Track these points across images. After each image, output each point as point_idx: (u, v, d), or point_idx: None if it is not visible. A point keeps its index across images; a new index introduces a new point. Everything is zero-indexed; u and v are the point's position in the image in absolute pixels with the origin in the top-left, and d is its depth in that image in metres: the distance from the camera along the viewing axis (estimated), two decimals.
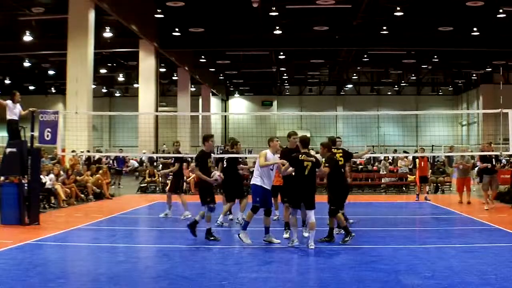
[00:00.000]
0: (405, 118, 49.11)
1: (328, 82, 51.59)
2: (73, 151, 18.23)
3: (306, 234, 9.70)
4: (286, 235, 9.83)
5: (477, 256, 8.62)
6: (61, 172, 16.62)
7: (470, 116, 47.72)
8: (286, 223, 9.94)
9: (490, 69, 42.12)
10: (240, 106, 54.02)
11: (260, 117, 46.33)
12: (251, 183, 9.61)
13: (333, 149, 10.13)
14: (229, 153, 12.58)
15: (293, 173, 9.40)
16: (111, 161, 26.90)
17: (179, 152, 13.99)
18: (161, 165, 25.42)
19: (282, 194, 10.58)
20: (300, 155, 9.38)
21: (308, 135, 41.64)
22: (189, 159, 26.11)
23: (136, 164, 32.67)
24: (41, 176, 14.27)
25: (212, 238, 9.83)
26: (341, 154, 10.31)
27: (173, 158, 14.07)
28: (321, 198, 10.32)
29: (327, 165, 9.73)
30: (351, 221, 11.17)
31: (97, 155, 24.51)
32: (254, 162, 11.06)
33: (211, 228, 9.95)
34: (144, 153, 26.47)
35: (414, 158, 21.03)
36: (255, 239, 9.52)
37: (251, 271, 7.67)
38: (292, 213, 9.42)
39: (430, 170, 19.95)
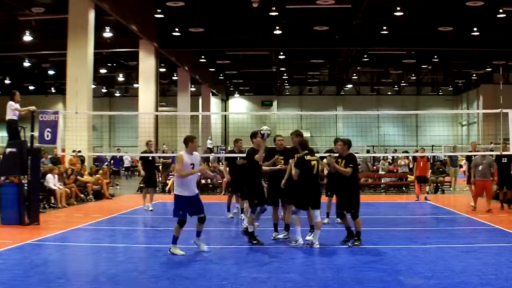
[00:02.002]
0: (405, 118, 49.09)
1: (328, 82, 51.59)
2: (74, 151, 18.24)
3: (309, 238, 9.50)
4: (307, 238, 9.44)
5: (477, 256, 8.62)
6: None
7: (470, 116, 47.73)
8: (287, 225, 9.83)
9: (490, 69, 42.12)
10: (240, 106, 54.04)
11: (260, 117, 46.31)
12: (174, 193, 8.87)
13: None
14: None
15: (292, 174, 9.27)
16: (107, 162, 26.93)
17: (151, 152, 15.93)
18: (161, 165, 25.46)
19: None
20: (306, 156, 9.25)
21: (308, 135, 41.20)
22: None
23: (127, 163, 32.80)
24: (50, 176, 14.36)
25: (255, 241, 9.48)
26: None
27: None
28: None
29: (351, 165, 9.38)
30: (325, 220, 11.16)
31: (92, 155, 24.51)
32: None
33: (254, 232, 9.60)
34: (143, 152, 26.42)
35: (414, 158, 21.02)
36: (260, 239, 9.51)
37: (251, 271, 7.67)
38: (295, 213, 9.33)
39: (430, 170, 19.92)
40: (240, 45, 32.65)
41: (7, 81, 43.82)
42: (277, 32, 28.25)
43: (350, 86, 51.94)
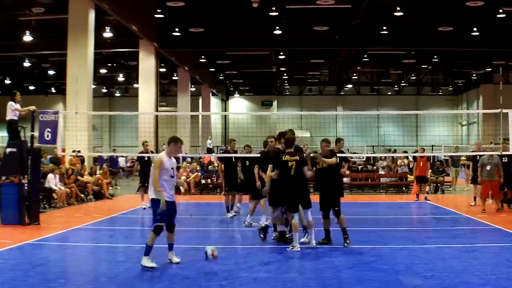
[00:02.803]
0: (405, 118, 49.09)
1: (328, 82, 51.58)
2: (74, 151, 18.24)
3: (304, 239, 9.47)
4: (302, 240, 9.43)
5: (477, 256, 8.62)
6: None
7: (470, 116, 47.72)
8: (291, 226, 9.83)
9: (490, 69, 42.13)
10: (240, 106, 54.04)
11: (260, 117, 46.34)
12: (150, 197, 8.01)
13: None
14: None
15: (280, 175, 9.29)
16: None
17: (147, 152, 15.88)
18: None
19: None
20: (283, 156, 9.21)
21: (308, 135, 41.04)
22: (189, 158, 26.20)
23: (123, 163, 32.85)
24: (51, 176, 14.36)
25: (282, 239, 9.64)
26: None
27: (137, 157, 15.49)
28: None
29: (334, 156, 9.57)
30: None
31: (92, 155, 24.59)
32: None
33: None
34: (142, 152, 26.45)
35: (414, 157, 21.00)
36: (254, 241, 9.49)
37: (251, 271, 7.67)
38: (292, 217, 9.17)
39: (430, 170, 19.92)
40: (240, 45, 32.64)
41: (7, 81, 43.83)
42: (277, 32, 28.24)
43: (350, 86, 51.93)
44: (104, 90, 50.89)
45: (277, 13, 25.32)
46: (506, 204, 15.18)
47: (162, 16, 26.63)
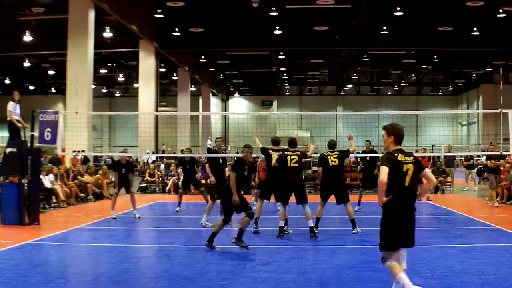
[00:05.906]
0: (405, 118, 48.94)
1: (328, 82, 51.61)
2: (74, 151, 18.23)
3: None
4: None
5: (477, 256, 8.61)
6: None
7: (470, 116, 47.74)
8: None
9: (490, 69, 42.15)
10: (240, 106, 54.04)
11: (260, 117, 46.34)
12: None
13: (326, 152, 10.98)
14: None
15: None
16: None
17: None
18: (164, 165, 25.58)
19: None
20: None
21: (308, 135, 41.07)
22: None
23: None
24: (41, 176, 14.29)
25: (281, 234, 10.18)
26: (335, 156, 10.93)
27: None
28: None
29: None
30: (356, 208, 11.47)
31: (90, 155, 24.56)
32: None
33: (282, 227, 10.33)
34: (148, 152, 26.53)
35: None
36: (254, 241, 9.50)
37: (251, 271, 7.67)
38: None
39: (430, 170, 19.94)
40: (240, 45, 32.68)
41: (7, 81, 43.85)
42: (277, 32, 28.27)
43: (350, 86, 51.95)
44: (104, 90, 50.93)
45: (277, 13, 25.35)
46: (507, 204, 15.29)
47: (162, 16, 26.67)
